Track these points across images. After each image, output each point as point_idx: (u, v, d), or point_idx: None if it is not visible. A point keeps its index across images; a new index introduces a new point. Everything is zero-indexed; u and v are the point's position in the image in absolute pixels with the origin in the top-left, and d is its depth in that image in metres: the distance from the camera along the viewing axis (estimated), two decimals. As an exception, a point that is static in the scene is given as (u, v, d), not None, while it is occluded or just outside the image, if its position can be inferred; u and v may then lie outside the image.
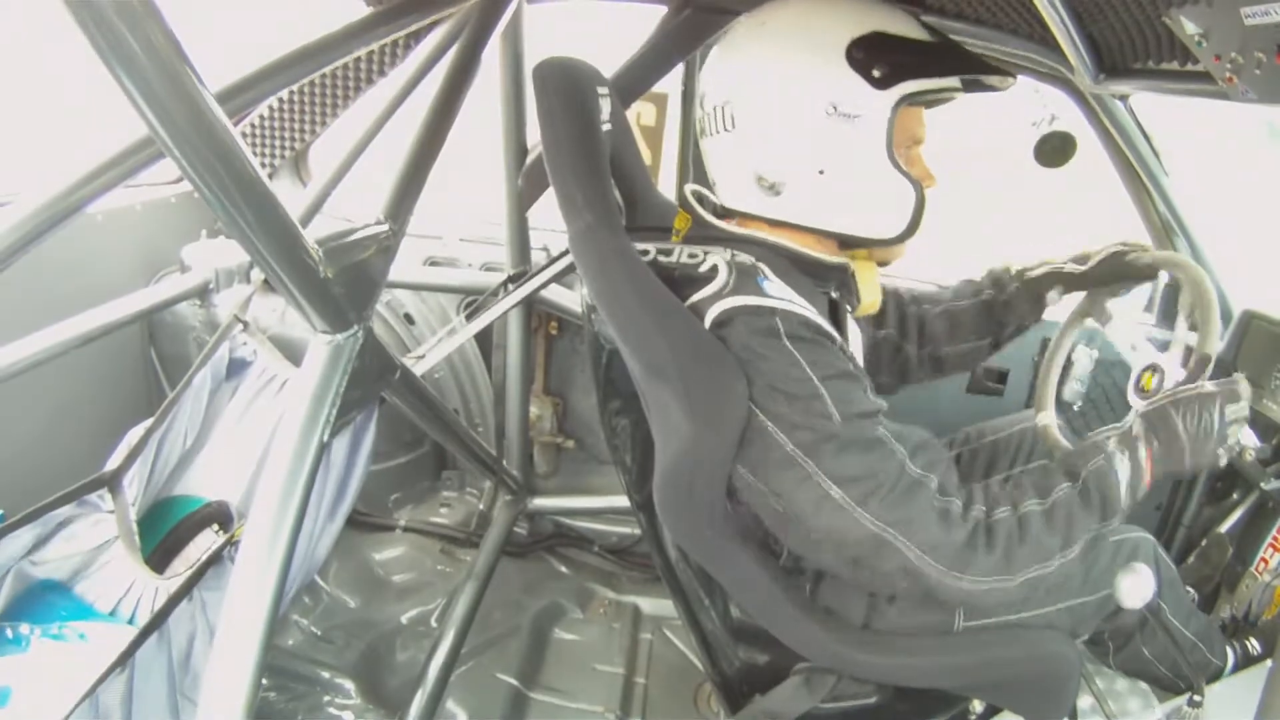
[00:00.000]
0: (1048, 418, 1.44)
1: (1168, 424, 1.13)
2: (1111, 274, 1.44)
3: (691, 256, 1.14)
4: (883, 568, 1.04)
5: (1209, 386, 1.14)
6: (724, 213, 1.25)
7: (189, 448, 1.82)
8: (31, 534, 1.50)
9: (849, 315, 1.26)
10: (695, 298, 1.08)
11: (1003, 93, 1.24)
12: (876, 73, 1.09)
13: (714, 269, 1.09)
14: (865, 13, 1.12)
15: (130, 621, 1.56)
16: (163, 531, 1.80)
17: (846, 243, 1.22)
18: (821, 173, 1.12)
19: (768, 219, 1.18)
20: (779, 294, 1.06)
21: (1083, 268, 1.47)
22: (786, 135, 1.12)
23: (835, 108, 1.09)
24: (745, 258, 1.11)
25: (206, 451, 1.86)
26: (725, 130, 1.15)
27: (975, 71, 1.17)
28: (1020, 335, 1.56)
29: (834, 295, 1.21)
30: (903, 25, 1.14)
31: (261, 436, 1.77)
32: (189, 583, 1.49)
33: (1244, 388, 1.16)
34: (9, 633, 1.47)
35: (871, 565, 1.05)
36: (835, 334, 1.08)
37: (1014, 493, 1.09)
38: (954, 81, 1.16)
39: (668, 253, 1.18)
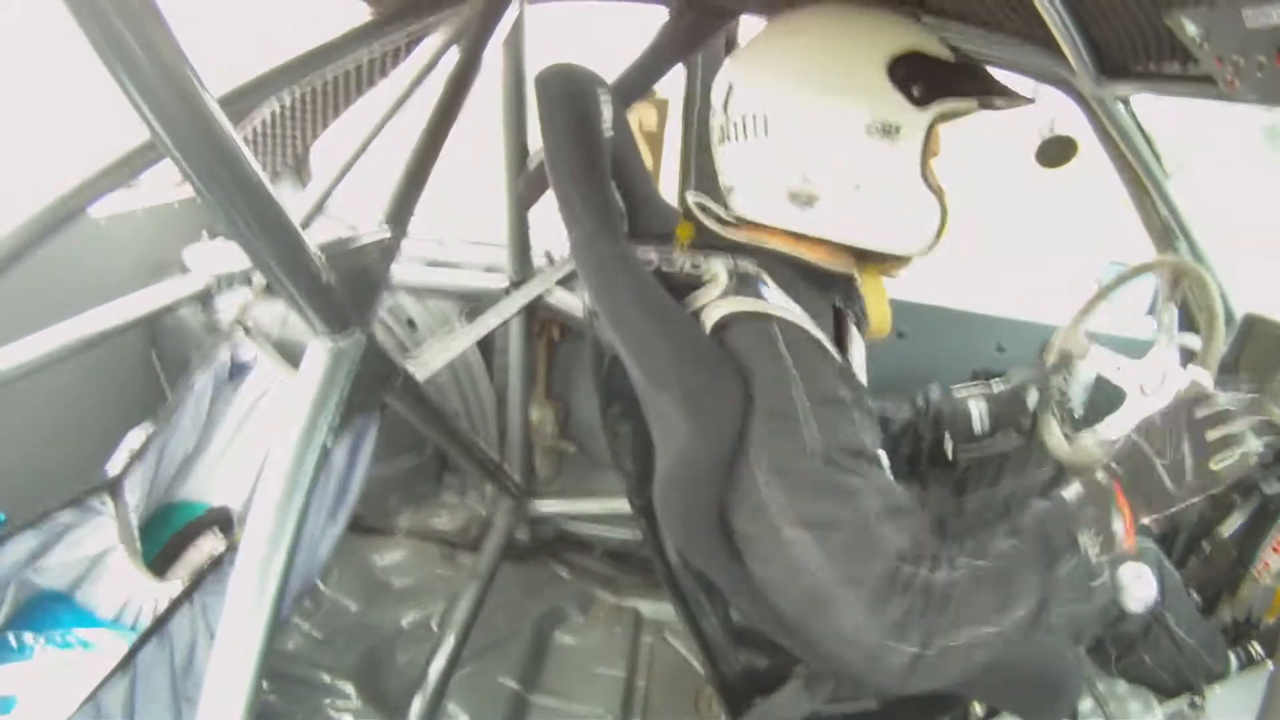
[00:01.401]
0: (1049, 423, 1.43)
1: (1134, 453, 1.01)
2: (1023, 384, 1.51)
3: (695, 265, 1.14)
4: (817, 628, 0.96)
5: (1172, 404, 1.03)
6: (732, 222, 1.24)
7: (191, 453, 1.82)
8: (34, 540, 1.50)
9: (854, 329, 1.26)
10: (695, 304, 1.08)
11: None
12: (916, 91, 1.09)
13: (715, 275, 1.09)
14: (900, 29, 1.13)
15: (133, 628, 1.56)
16: (165, 537, 1.80)
17: (865, 255, 1.21)
18: (858, 188, 1.12)
19: (793, 232, 1.17)
20: (779, 302, 1.06)
21: (1001, 388, 1.53)
22: (826, 148, 1.10)
23: (877, 124, 1.09)
24: (748, 265, 1.10)
25: (208, 456, 1.86)
26: (757, 137, 1.13)
27: (998, 93, 1.18)
28: (939, 453, 1.55)
29: (838, 305, 1.20)
30: (932, 44, 1.14)
31: (263, 442, 1.77)
32: (190, 589, 1.49)
33: (1227, 398, 1.01)
34: (13, 641, 1.48)
35: (808, 624, 0.97)
36: (835, 352, 1.07)
37: (953, 549, 0.97)
38: (976, 101, 1.16)
39: (670, 260, 1.17)
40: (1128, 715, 1.51)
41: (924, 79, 1.10)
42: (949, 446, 1.53)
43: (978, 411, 1.52)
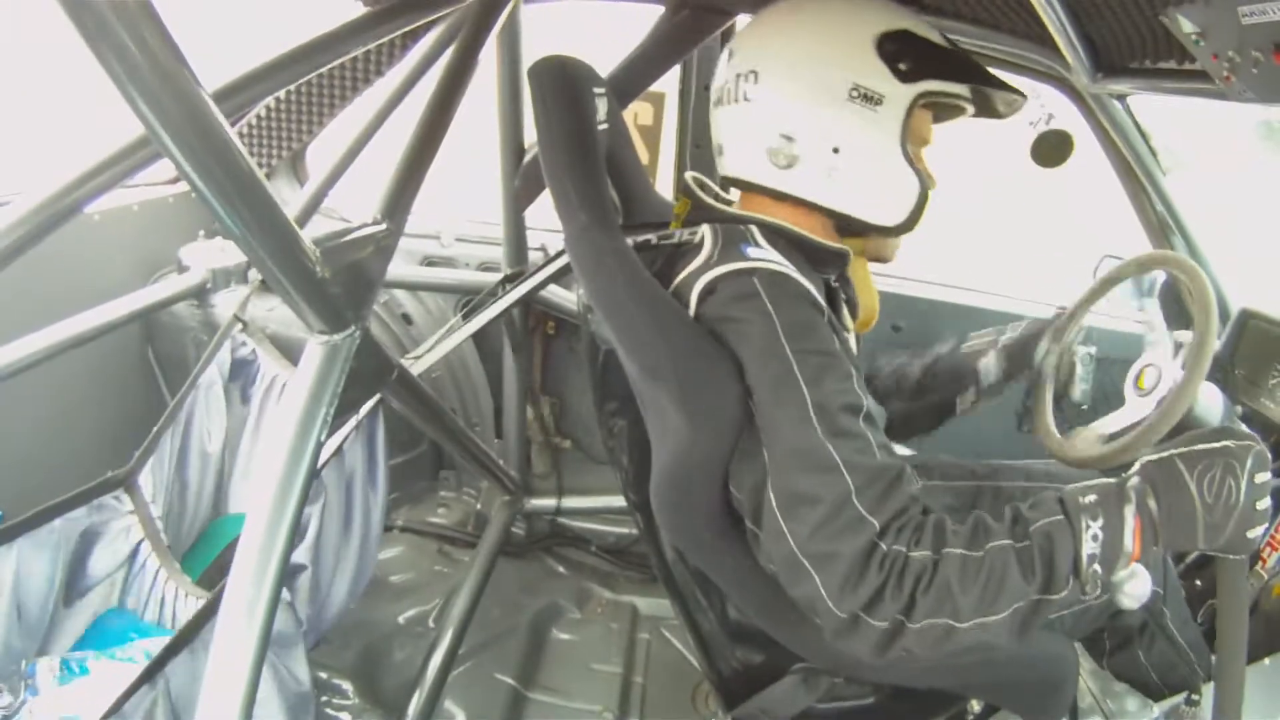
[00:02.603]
0: (1045, 418, 1.42)
1: (1176, 484, 0.91)
2: (1033, 335, 1.48)
3: (691, 234, 1.14)
4: (795, 596, 0.96)
5: (1232, 443, 0.92)
6: (725, 185, 1.25)
7: (221, 459, 1.81)
8: (51, 536, 1.48)
9: (846, 314, 1.26)
10: (683, 273, 1.08)
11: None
12: (903, 66, 1.12)
13: (703, 238, 1.10)
14: (895, 12, 1.16)
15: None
16: (217, 550, 1.81)
17: (845, 228, 1.21)
18: (836, 151, 1.13)
19: (773, 190, 1.18)
20: (763, 256, 1.05)
21: (1013, 336, 1.50)
22: (807, 110, 1.12)
23: (859, 91, 1.11)
24: (737, 226, 1.11)
25: (248, 467, 1.86)
26: (746, 100, 1.16)
27: (990, 84, 1.19)
28: (957, 403, 1.53)
29: (834, 283, 1.21)
30: (927, 30, 1.17)
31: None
32: (219, 594, 1.44)
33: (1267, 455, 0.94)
34: (75, 667, 1.46)
35: (788, 589, 0.97)
36: (824, 305, 1.06)
37: (942, 533, 0.93)
38: (967, 91, 1.18)
39: (668, 236, 1.18)
40: (1125, 712, 1.51)
41: (912, 57, 1.12)
42: (967, 397, 1.52)
43: (987, 363, 1.50)
